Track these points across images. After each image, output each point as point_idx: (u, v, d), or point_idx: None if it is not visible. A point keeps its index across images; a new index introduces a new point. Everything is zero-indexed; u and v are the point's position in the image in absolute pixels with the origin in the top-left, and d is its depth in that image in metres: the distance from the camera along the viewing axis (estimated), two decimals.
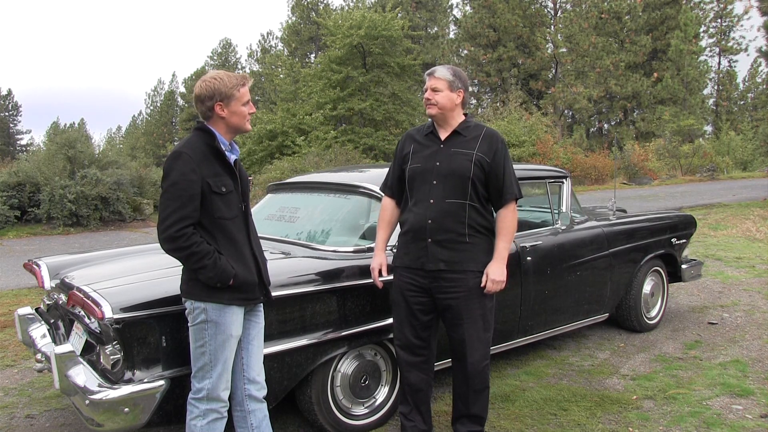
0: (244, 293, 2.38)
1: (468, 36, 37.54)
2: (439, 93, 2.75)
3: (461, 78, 2.80)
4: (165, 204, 2.24)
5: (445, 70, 2.79)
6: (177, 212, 2.21)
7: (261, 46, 50.56)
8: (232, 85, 2.38)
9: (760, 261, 7.45)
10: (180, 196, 2.23)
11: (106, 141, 51.55)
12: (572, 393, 3.56)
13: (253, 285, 2.41)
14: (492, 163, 2.73)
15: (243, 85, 2.41)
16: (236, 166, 2.48)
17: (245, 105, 2.42)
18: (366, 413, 3.15)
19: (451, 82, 2.76)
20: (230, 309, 2.35)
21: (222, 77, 2.40)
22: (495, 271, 2.73)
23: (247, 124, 2.47)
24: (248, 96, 2.44)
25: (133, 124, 64.67)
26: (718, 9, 39.68)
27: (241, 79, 2.43)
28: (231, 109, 2.39)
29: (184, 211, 2.22)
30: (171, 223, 2.21)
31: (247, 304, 2.42)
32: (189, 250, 2.22)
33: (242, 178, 2.51)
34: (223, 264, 2.29)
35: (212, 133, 2.40)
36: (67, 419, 3.35)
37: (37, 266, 3.38)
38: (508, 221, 2.77)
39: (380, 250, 2.93)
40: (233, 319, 2.37)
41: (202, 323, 2.34)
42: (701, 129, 36.16)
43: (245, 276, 2.37)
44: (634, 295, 4.57)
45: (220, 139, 2.41)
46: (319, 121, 23.73)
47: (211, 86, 2.36)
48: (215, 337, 2.34)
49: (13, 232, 12.34)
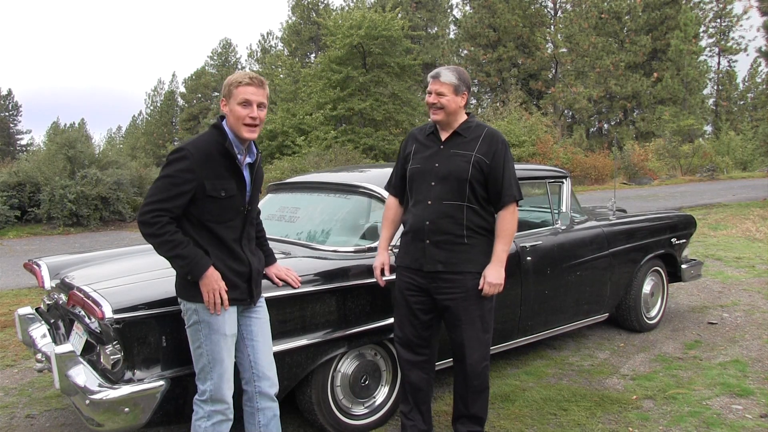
0: (232, 292, 2.35)
1: (468, 36, 37.55)
2: (444, 97, 2.70)
3: (465, 80, 2.76)
4: (152, 191, 2.27)
5: (450, 74, 2.72)
6: (159, 202, 2.23)
7: (261, 46, 50.53)
8: (233, 82, 2.32)
9: (760, 261, 7.45)
10: (168, 189, 2.24)
11: (106, 141, 51.76)
12: (572, 393, 3.56)
13: (240, 286, 2.39)
14: (491, 165, 2.70)
15: (244, 84, 2.31)
16: (254, 167, 2.44)
17: (243, 106, 2.30)
18: (366, 413, 3.15)
19: (456, 86, 2.71)
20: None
21: (234, 74, 2.36)
22: (492, 273, 2.71)
23: (243, 129, 2.31)
24: (248, 97, 2.30)
25: (133, 124, 64.62)
26: (717, 9, 39.67)
27: (247, 78, 2.32)
28: (229, 107, 2.34)
29: (166, 203, 2.23)
30: (150, 209, 2.23)
31: (235, 303, 2.40)
32: (162, 238, 2.23)
33: (256, 180, 2.46)
34: (196, 257, 2.25)
35: (224, 132, 2.34)
36: (67, 419, 3.35)
37: (37, 266, 3.38)
38: (507, 223, 2.74)
39: (383, 249, 2.93)
40: (225, 318, 2.35)
41: (196, 324, 2.35)
42: (701, 129, 36.17)
43: (230, 276, 2.34)
44: (634, 295, 4.57)
45: (232, 140, 2.34)
46: (319, 121, 23.71)
47: (225, 81, 2.35)
48: (210, 338, 2.34)
49: (13, 232, 12.34)
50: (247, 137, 2.35)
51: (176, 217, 2.28)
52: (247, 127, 2.33)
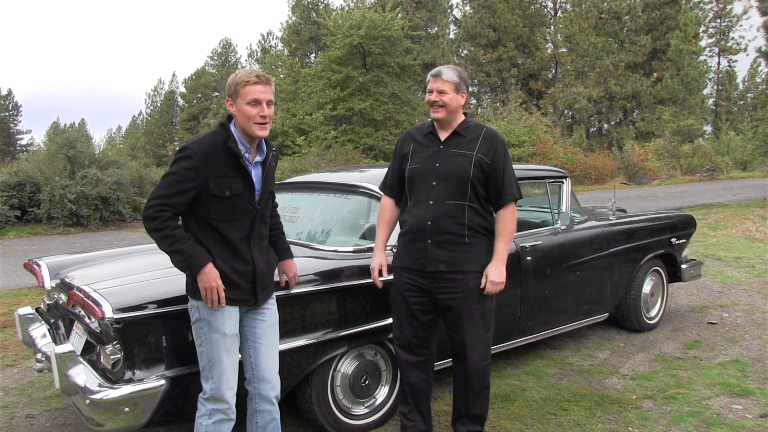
0: (231, 292, 2.34)
1: (468, 36, 37.55)
2: (445, 95, 2.71)
3: (465, 79, 2.79)
4: (157, 187, 2.32)
5: (451, 72, 2.75)
6: (163, 197, 2.27)
7: (261, 46, 50.51)
8: (240, 81, 2.32)
9: (760, 261, 7.45)
10: (172, 186, 2.28)
11: (106, 141, 51.78)
12: (572, 393, 3.56)
13: (242, 287, 2.37)
14: (492, 164, 2.72)
15: (251, 83, 2.30)
16: (265, 165, 2.43)
17: (252, 105, 2.31)
18: (366, 413, 3.15)
19: (457, 84, 2.74)
20: (220, 307, 2.33)
21: (239, 72, 2.36)
22: (494, 272, 2.73)
23: (255, 127, 2.31)
24: (257, 97, 2.30)
25: (133, 124, 64.65)
26: (717, 9, 39.68)
27: (253, 76, 2.32)
28: (237, 107, 2.34)
29: (169, 199, 2.27)
30: (153, 203, 2.27)
31: (236, 304, 2.39)
32: (163, 233, 2.26)
33: (266, 179, 2.44)
34: (195, 254, 2.26)
35: (229, 131, 2.35)
36: (67, 419, 3.35)
37: (38, 266, 3.38)
38: (508, 222, 2.77)
39: (380, 250, 2.93)
40: (225, 317, 2.35)
41: (198, 322, 2.37)
42: (701, 129, 36.18)
43: (232, 276, 2.33)
44: (634, 295, 4.57)
45: (237, 139, 2.35)
46: (319, 121, 23.73)
47: (228, 80, 2.36)
48: (209, 336, 2.35)
49: (14, 232, 12.33)
50: (259, 135, 2.36)
51: (179, 213, 2.31)
52: (259, 125, 2.34)
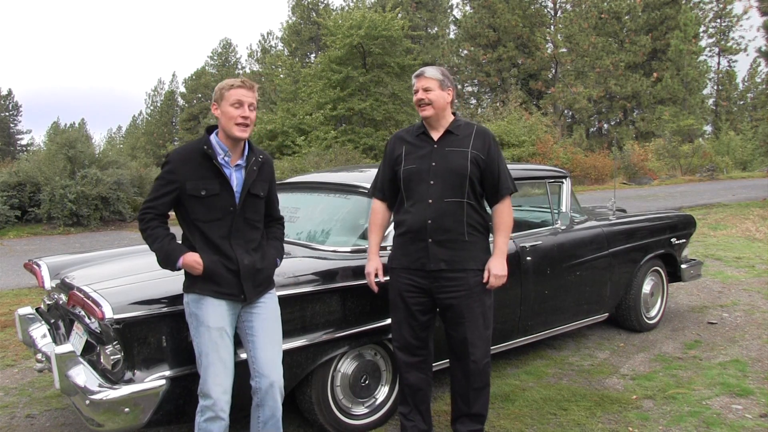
0: (216, 285, 2.41)
1: (468, 36, 37.56)
2: (431, 92, 2.77)
3: (448, 76, 2.84)
4: (149, 191, 2.51)
5: (434, 70, 2.82)
6: (149, 201, 2.46)
7: (261, 46, 50.51)
8: (225, 86, 2.45)
9: (760, 261, 7.45)
10: (156, 189, 2.45)
11: (106, 141, 51.75)
12: (572, 393, 3.56)
13: (226, 280, 2.41)
14: (487, 160, 2.76)
15: (236, 87, 2.42)
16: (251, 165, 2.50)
17: (234, 107, 2.40)
18: (366, 413, 3.15)
19: (441, 81, 2.79)
20: (205, 300, 2.40)
21: (226, 79, 2.49)
22: (496, 266, 2.76)
23: (235, 128, 2.41)
24: (240, 98, 2.41)
25: (133, 124, 64.61)
26: (717, 9, 39.69)
27: (238, 81, 2.45)
28: (221, 109, 2.44)
29: (153, 201, 2.45)
30: (142, 208, 2.47)
31: (222, 297, 2.43)
32: (146, 232, 2.44)
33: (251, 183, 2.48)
34: (169, 249, 2.39)
35: (207, 137, 2.48)
36: (67, 419, 3.35)
37: (38, 266, 3.38)
38: (505, 216, 2.81)
39: (374, 254, 2.92)
40: (210, 310, 2.40)
41: (189, 316, 2.44)
42: (701, 129, 36.18)
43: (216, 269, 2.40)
44: (634, 294, 4.57)
45: (214, 142, 2.46)
46: (319, 121, 23.71)
47: (216, 87, 2.49)
48: (198, 329, 2.41)
49: (14, 232, 12.34)
50: (239, 136, 2.44)
51: (162, 214, 2.46)
52: (239, 126, 2.43)
